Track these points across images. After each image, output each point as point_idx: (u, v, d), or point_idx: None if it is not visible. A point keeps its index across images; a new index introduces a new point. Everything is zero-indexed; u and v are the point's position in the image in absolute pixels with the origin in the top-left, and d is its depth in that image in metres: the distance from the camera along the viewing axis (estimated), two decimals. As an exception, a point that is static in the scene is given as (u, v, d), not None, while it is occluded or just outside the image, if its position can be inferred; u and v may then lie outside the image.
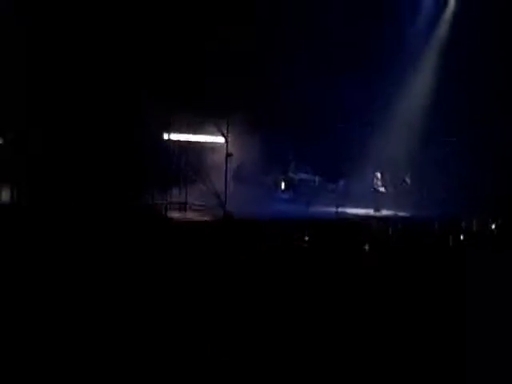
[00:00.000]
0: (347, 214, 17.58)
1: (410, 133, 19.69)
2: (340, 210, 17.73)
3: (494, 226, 11.87)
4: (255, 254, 7.75)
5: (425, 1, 20.11)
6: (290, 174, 19.77)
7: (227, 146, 16.04)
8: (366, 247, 8.74)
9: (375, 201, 18.30)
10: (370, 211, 18.03)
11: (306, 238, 9.85)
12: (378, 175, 18.44)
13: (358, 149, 19.48)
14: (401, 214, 17.39)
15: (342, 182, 19.06)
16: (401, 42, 19.78)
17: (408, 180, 18.58)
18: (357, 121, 19.79)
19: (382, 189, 18.38)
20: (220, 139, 16.12)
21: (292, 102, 17.87)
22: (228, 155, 16.18)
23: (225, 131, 15.82)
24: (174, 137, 16.09)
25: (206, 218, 14.27)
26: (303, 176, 19.84)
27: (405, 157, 18.99)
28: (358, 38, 18.88)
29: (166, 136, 15.59)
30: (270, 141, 18.34)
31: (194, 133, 16.48)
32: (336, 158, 19.54)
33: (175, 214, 14.83)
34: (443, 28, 20.37)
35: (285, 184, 19.30)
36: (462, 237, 10.71)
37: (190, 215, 15.12)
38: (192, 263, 7.15)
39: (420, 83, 20.47)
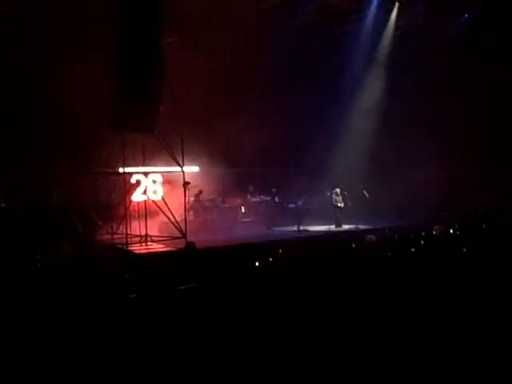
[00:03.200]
0: (309, 231, 17.71)
1: (364, 147, 20.14)
2: (301, 227, 17.87)
3: (452, 232, 12.08)
4: (221, 282, 7.68)
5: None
6: (249, 198, 19.84)
7: (184, 175, 16.01)
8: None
9: (336, 216, 18.48)
10: (332, 227, 18.19)
11: (270, 259, 9.84)
12: (338, 191, 18.64)
13: (315, 167, 19.80)
14: (361, 227, 17.60)
15: (301, 201, 19.18)
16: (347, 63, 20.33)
17: (366, 194, 18.84)
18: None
19: (340, 204, 18.57)
20: (177, 169, 16.06)
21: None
22: (185, 184, 16.16)
23: (180, 161, 15.79)
24: (130, 169, 15.94)
25: (167, 249, 14.15)
26: (262, 198, 19.95)
27: (361, 172, 19.35)
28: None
29: (121, 169, 15.39)
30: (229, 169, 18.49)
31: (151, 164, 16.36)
32: (293, 178, 19.81)
33: (136, 247, 14.67)
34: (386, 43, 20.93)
35: (245, 208, 19.34)
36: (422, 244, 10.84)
37: (151, 247, 14.99)
38: (156, 294, 7.06)
39: (370, 102, 21.00)
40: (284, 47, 18.90)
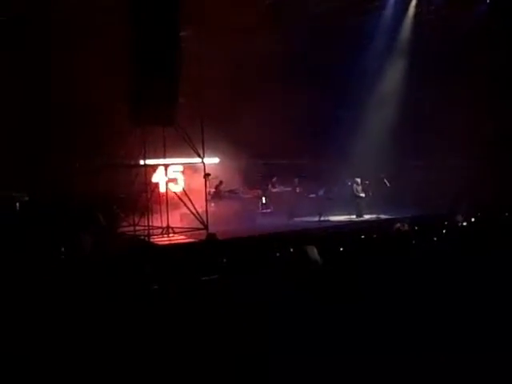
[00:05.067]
0: (330, 221, 17.67)
1: (385, 136, 19.98)
2: (322, 218, 17.83)
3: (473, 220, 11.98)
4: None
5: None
6: (270, 188, 19.82)
7: (204, 166, 16.05)
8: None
9: (357, 206, 18.39)
10: (353, 217, 18.12)
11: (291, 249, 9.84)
12: (358, 181, 18.55)
13: (335, 157, 19.69)
14: (383, 216, 17.51)
15: (322, 191, 19.11)
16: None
17: (387, 182, 18.70)
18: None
19: (362, 194, 18.49)
20: (197, 160, 16.11)
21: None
22: (206, 175, 16.22)
23: (201, 152, 15.83)
24: (151, 161, 16.04)
25: (189, 240, 14.23)
26: (283, 188, 19.92)
27: (382, 160, 19.20)
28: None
29: (142, 162, 15.50)
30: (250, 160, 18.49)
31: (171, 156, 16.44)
32: (314, 167, 19.75)
33: (158, 239, 14.77)
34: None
35: (265, 198, 19.33)
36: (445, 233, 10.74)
37: (173, 238, 15.08)
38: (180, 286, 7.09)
39: (389, 91, 20.82)
40: (302, 36, 18.77)
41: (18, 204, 14.20)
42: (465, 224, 11.70)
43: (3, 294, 6.00)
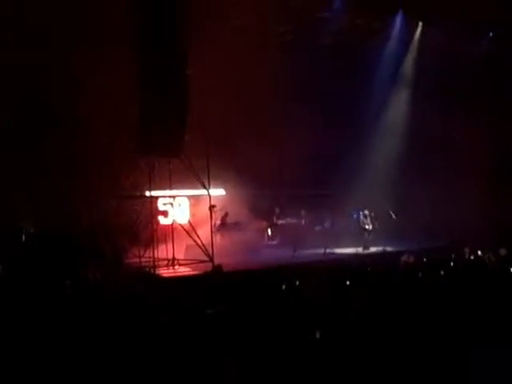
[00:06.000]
0: (336, 253, 17.57)
1: (390, 167, 20.02)
2: (328, 250, 17.74)
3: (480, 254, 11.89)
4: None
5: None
6: (275, 220, 19.77)
7: (210, 198, 16.06)
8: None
9: (363, 239, 18.31)
10: (359, 249, 18.02)
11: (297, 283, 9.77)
12: (366, 213, 18.51)
13: (340, 189, 19.69)
14: (389, 249, 17.42)
15: (328, 223, 19.06)
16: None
17: (393, 214, 18.65)
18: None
19: (368, 226, 18.42)
20: (203, 192, 16.14)
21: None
22: (211, 207, 16.20)
23: (206, 184, 15.87)
24: (156, 193, 16.08)
25: (195, 273, 14.15)
26: (289, 220, 19.85)
27: (388, 193, 19.18)
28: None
29: (147, 193, 15.54)
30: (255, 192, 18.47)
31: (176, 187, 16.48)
32: (320, 200, 19.72)
33: (164, 271, 14.71)
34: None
35: (271, 230, 19.28)
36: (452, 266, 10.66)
37: (179, 270, 15.01)
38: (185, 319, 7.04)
39: (394, 120, 20.94)
40: (309, 66, 18.94)
41: (23, 236, 14.21)
42: (472, 257, 11.63)
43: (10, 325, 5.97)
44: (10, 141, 14.38)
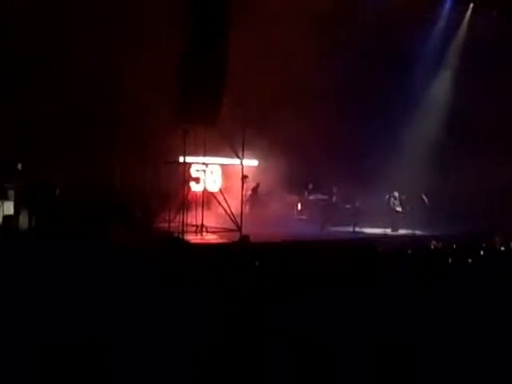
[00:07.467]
0: (365, 233, 17.53)
1: (426, 151, 19.71)
2: (357, 229, 17.69)
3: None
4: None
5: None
6: (306, 195, 19.72)
7: (242, 168, 16.09)
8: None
9: (392, 220, 18.18)
10: (388, 230, 17.92)
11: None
12: (396, 194, 18.35)
13: (373, 169, 19.46)
14: (418, 232, 17.28)
15: (358, 202, 18.94)
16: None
17: (425, 199, 18.43)
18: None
19: (398, 208, 18.28)
20: (236, 161, 16.18)
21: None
22: (244, 177, 16.24)
23: (240, 153, 15.89)
24: (190, 159, 16.18)
25: (222, 241, 14.28)
26: (319, 196, 19.78)
27: (420, 176, 18.89)
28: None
29: (181, 159, 15.65)
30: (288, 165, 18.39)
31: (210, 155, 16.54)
32: (352, 178, 19.51)
33: (192, 237, 14.86)
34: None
35: (301, 205, 19.26)
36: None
37: (206, 238, 15.16)
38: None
39: (434, 103, 20.55)
40: (351, 44, 18.64)
41: (57, 191, 14.48)
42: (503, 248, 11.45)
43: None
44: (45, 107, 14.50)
